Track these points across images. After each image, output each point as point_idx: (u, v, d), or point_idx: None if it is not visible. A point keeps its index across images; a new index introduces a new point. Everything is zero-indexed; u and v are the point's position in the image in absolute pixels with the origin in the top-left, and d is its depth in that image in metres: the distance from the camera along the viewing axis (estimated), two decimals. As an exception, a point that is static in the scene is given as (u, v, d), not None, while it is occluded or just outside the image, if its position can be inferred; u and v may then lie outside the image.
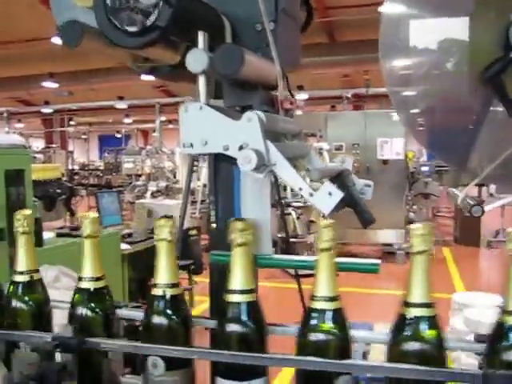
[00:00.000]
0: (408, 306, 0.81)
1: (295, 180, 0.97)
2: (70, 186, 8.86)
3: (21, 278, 1.01)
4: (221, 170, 1.19)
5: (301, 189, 0.97)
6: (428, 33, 1.52)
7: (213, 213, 1.22)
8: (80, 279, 0.99)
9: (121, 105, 17.84)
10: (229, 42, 1.14)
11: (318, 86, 14.30)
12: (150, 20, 0.97)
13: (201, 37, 0.99)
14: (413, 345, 0.80)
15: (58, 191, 7.60)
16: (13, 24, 10.65)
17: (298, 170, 0.99)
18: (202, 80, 1.01)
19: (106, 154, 18.56)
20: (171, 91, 18.19)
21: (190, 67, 0.99)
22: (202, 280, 5.45)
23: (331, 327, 0.83)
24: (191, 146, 1.03)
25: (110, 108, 18.48)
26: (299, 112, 12.42)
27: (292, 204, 7.49)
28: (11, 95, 17.32)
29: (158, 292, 0.92)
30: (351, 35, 11.56)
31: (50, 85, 13.98)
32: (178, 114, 1.04)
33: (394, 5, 1.61)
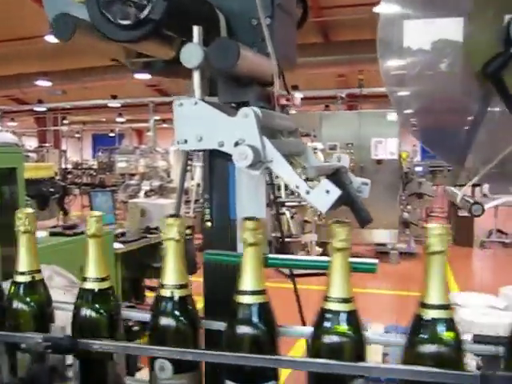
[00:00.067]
0: (425, 307, 0.79)
1: (292, 177, 0.94)
2: (64, 185, 8.83)
3: (22, 279, 0.98)
4: (216, 167, 1.17)
5: (297, 186, 0.94)
6: (422, 33, 1.52)
7: (207, 211, 1.20)
8: (85, 279, 0.96)
9: (114, 104, 17.79)
10: (224, 37, 1.12)
11: (312, 85, 14.30)
12: (143, 13, 0.95)
13: (195, 31, 0.97)
14: (430, 347, 0.79)
15: (51, 190, 7.57)
16: (6, 22, 10.57)
17: (294, 168, 0.97)
18: (196, 75, 0.98)
19: (100, 153, 18.48)
20: (165, 90, 18.14)
21: (185, 62, 0.97)
22: (196, 279, 5.42)
23: (347, 329, 0.81)
24: (186, 142, 1.00)
25: (104, 107, 18.44)
26: (293, 111, 12.41)
27: (286, 203, 7.47)
28: (4, 93, 17.21)
29: (166, 293, 0.89)
30: (346, 35, 11.58)
31: (43, 83, 13.94)
32: (172, 113, 1.01)
33: (390, 5, 1.60)
